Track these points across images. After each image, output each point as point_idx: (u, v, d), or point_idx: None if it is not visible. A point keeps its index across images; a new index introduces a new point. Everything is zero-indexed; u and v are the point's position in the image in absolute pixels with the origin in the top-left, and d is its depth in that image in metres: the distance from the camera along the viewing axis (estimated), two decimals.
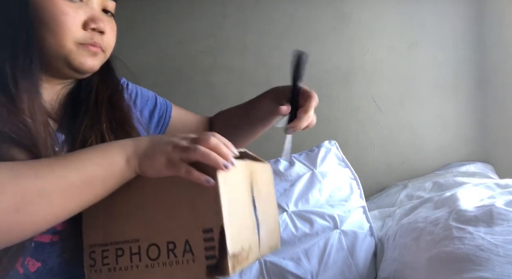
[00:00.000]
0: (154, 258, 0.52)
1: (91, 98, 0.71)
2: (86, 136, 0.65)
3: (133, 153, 0.53)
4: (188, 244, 0.51)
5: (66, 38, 0.62)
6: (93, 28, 0.64)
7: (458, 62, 1.55)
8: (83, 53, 0.64)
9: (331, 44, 1.64)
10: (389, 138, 1.59)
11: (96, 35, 0.65)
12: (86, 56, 0.64)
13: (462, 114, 1.55)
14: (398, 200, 1.34)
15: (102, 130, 0.67)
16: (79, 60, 0.64)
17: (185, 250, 0.51)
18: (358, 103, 1.61)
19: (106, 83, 0.74)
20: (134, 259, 0.53)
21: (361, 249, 1.09)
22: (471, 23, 1.54)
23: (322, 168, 1.25)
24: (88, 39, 0.64)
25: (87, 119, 0.68)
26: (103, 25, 0.65)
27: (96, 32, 0.64)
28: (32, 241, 0.57)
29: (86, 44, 0.64)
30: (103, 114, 0.69)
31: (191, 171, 0.51)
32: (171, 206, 0.53)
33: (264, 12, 1.69)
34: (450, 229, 0.79)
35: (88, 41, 0.64)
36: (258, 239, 0.59)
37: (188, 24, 1.73)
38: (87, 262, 0.56)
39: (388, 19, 1.60)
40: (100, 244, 0.56)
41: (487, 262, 0.66)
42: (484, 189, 1.02)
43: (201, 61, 1.72)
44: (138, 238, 0.54)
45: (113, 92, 0.74)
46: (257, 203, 0.61)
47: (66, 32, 0.61)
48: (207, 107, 1.73)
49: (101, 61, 0.68)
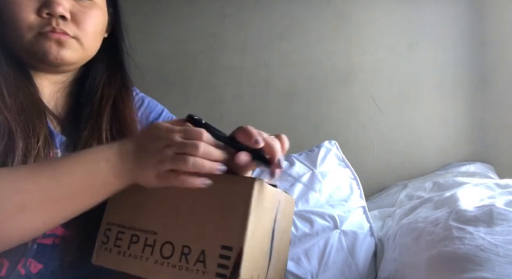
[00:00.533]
0: (166, 256, 0.52)
1: (95, 102, 0.67)
2: (86, 145, 0.63)
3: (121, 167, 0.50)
4: (203, 254, 0.50)
5: (22, 28, 0.57)
6: (48, 13, 0.58)
7: (458, 62, 1.55)
8: (44, 42, 0.59)
9: (331, 44, 1.64)
10: (389, 138, 1.59)
11: (55, 20, 0.59)
12: (48, 45, 0.59)
13: (462, 114, 1.55)
14: (398, 200, 1.34)
15: (102, 139, 0.65)
16: (41, 50, 0.59)
17: (198, 259, 0.50)
18: (358, 103, 1.61)
19: (112, 87, 0.70)
20: (146, 250, 0.53)
21: (361, 249, 1.09)
22: (471, 23, 1.54)
23: (322, 168, 1.25)
24: (45, 25, 0.58)
25: (89, 126, 0.65)
26: (61, 9, 0.58)
27: (54, 18, 0.59)
28: (34, 243, 0.56)
29: (45, 32, 0.59)
30: (105, 122, 0.67)
31: (184, 180, 0.48)
32: (201, 213, 0.52)
33: (264, 12, 1.69)
34: (450, 229, 0.78)
35: (46, 29, 0.58)
36: (266, 272, 0.56)
37: (188, 24, 1.73)
38: (100, 238, 0.56)
39: (388, 19, 1.60)
40: (118, 224, 0.56)
41: (487, 262, 0.66)
42: (484, 189, 1.02)
43: (201, 61, 1.73)
44: (157, 232, 0.53)
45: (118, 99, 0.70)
46: (275, 236, 0.58)
47: (19, 21, 0.57)
48: (207, 107, 1.73)
49: (77, 51, 0.62)
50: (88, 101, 0.68)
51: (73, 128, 0.65)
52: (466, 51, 1.54)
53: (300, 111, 1.65)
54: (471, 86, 1.54)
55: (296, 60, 1.66)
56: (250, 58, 1.69)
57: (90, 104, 0.67)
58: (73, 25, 0.61)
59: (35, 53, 0.59)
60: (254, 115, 1.67)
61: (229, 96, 1.70)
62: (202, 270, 0.49)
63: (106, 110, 0.67)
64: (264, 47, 1.69)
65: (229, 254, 0.49)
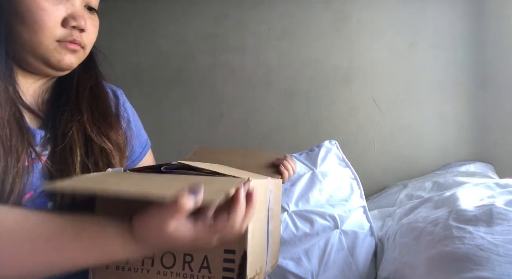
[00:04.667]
0: (168, 266, 0.51)
1: (72, 87, 0.68)
2: (66, 128, 0.63)
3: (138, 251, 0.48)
4: (207, 260, 0.50)
5: (43, 35, 0.58)
6: (73, 26, 0.60)
7: (458, 62, 1.55)
8: (61, 51, 0.61)
9: (331, 44, 1.64)
10: (389, 138, 1.59)
11: (76, 32, 0.61)
12: (64, 53, 0.61)
13: (462, 114, 1.55)
14: (398, 200, 1.34)
15: (83, 121, 0.65)
16: (56, 58, 0.61)
17: (202, 266, 0.50)
18: (358, 103, 1.62)
19: (87, 74, 0.71)
20: (146, 262, 0.52)
21: (361, 249, 1.09)
22: (471, 23, 1.54)
23: (323, 168, 1.25)
24: (67, 36, 0.60)
25: (68, 110, 0.65)
26: (84, 22, 0.61)
27: (76, 29, 0.61)
28: None
29: (64, 42, 0.61)
30: (84, 104, 0.67)
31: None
32: None
33: (264, 12, 1.69)
34: (450, 229, 0.79)
35: (67, 39, 0.60)
36: (266, 259, 0.57)
37: (188, 24, 1.73)
38: None
39: (388, 19, 1.60)
40: None
41: (487, 262, 0.66)
42: (484, 188, 1.02)
43: (201, 61, 1.73)
44: None
45: (95, 83, 0.71)
46: (270, 223, 0.59)
47: (43, 28, 0.58)
48: (207, 107, 1.73)
49: (80, 59, 0.65)
50: (68, 88, 0.68)
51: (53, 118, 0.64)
52: (466, 51, 1.54)
53: (300, 111, 1.66)
54: (471, 86, 1.54)
55: (296, 60, 1.66)
56: (250, 58, 1.69)
57: (68, 90, 0.68)
58: (85, 36, 0.63)
59: (48, 59, 0.60)
60: (254, 115, 1.67)
61: (229, 96, 1.70)
62: (208, 276, 0.50)
63: (84, 94, 0.68)
64: (264, 47, 1.69)
65: (233, 257, 0.49)
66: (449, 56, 1.55)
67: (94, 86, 0.71)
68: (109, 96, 0.74)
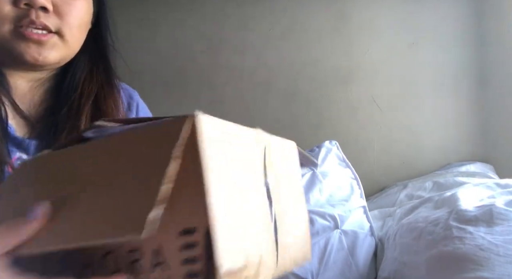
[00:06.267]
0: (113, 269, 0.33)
1: (74, 100, 0.58)
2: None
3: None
4: (158, 253, 0.31)
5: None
6: (26, 3, 0.50)
7: (458, 62, 1.55)
8: (20, 41, 0.50)
9: (331, 44, 1.64)
10: (389, 138, 1.59)
11: (35, 12, 0.50)
12: (25, 44, 0.51)
13: (462, 114, 1.55)
14: (398, 200, 1.34)
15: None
16: (17, 50, 0.50)
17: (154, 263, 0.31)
18: (358, 103, 1.61)
19: (94, 82, 0.61)
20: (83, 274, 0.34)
21: (362, 249, 1.09)
22: (471, 23, 1.54)
23: (323, 168, 1.25)
24: (22, 17, 0.50)
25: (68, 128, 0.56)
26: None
27: (34, 9, 0.50)
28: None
29: (23, 26, 0.50)
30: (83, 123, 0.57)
31: None
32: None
33: (264, 12, 1.69)
34: (450, 229, 0.79)
35: (23, 21, 0.50)
36: (276, 247, 0.38)
37: (188, 24, 1.73)
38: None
39: (388, 19, 1.60)
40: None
41: (487, 262, 0.66)
42: (484, 189, 1.02)
43: (201, 61, 1.73)
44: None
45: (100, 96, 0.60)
46: (274, 195, 0.39)
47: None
48: (207, 107, 1.73)
49: (60, 50, 0.54)
50: (67, 99, 0.59)
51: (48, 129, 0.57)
52: (466, 51, 1.54)
53: (300, 111, 1.65)
54: (471, 86, 1.54)
55: (296, 60, 1.66)
56: (250, 58, 1.69)
57: (69, 102, 0.58)
58: (55, 17, 0.52)
59: (10, 51, 0.51)
60: (254, 115, 1.67)
61: (229, 96, 1.70)
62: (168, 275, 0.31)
63: (85, 109, 0.58)
64: (264, 47, 1.69)
65: (193, 239, 0.29)
66: (449, 56, 1.55)
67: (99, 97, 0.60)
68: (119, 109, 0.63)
